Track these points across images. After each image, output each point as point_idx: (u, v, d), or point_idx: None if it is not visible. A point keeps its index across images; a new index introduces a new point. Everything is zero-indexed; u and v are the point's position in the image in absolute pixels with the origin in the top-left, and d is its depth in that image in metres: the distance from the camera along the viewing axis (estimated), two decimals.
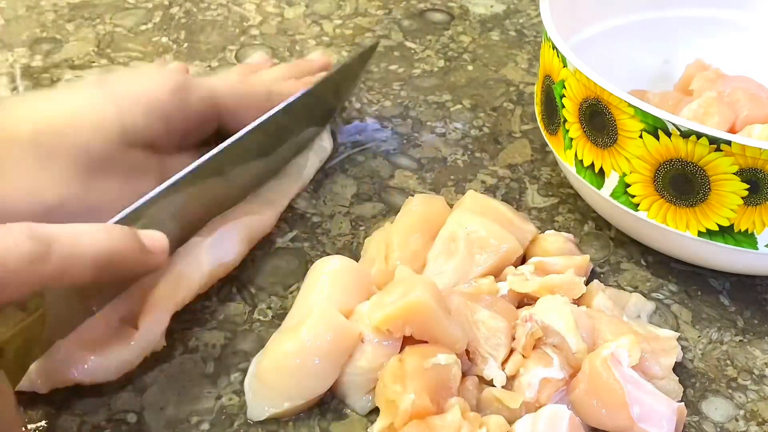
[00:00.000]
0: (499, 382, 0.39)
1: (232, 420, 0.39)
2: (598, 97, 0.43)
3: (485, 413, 0.39)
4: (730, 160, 0.40)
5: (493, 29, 0.69)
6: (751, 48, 0.57)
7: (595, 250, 0.49)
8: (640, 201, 0.44)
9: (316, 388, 0.39)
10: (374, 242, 0.47)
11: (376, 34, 0.67)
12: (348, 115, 0.59)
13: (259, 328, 0.44)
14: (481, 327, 0.40)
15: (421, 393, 0.37)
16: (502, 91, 0.62)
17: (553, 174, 0.55)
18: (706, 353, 0.44)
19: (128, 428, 0.39)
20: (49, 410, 0.39)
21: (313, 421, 0.40)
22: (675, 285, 0.48)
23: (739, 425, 0.41)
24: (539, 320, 0.40)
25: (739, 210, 0.41)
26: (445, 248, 0.45)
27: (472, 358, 0.40)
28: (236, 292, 0.46)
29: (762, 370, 0.43)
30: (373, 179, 0.53)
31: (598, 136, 0.44)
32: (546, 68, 0.48)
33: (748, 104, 0.50)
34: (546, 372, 0.39)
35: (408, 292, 0.39)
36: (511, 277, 0.43)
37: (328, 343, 0.38)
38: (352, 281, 0.42)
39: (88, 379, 0.39)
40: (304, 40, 0.66)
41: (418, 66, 0.64)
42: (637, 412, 0.37)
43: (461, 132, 0.58)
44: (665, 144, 0.41)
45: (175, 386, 0.41)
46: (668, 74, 0.58)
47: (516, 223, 0.47)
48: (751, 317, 0.46)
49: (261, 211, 0.48)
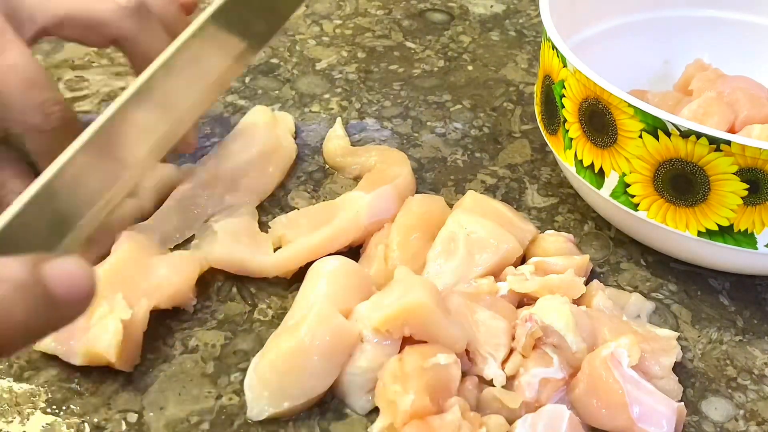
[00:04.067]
0: (499, 382, 0.39)
1: (232, 420, 0.39)
2: (597, 97, 0.43)
3: (485, 413, 0.39)
4: (729, 160, 0.40)
5: (493, 29, 0.69)
6: (751, 48, 0.57)
7: (594, 250, 0.49)
8: (639, 201, 0.44)
9: (316, 388, 0.39)
10: (374, 242, 0.47)
11: (376, 34, 0.67)
12: (348, 115, 0.59)
13: (259, 328, 0.44)
14: (481, 327, 0.40)
15: (421, 393, 0.37)
16: (502, 91, 0.62)
17: (553, 174, 0.55)
18: (705, 353, 0.44)
19: (128, 428, 0.39)
20: (50, 410, 0.39)
21: (313, 421, 0.40)
22: (675, 285, 0.48)
23: (739, 425, 0.41)
24: (539, 320, 0.40)
25: (738, 210, 0.41)
26: (445, 248, 0.45)
27: (472, 358, 0.40)
28: (236, 292, 0.46)
29: (762, 370, 0.43)
30: None
31: (598, 136, 0.44)
32: (546, 68, 0.48)
33: (748, 104, 0.50)
34: (546, 372, 0.39)
35: (407, 293, 0.39)
36: (511, 277, 0.43)
37: (328, 342, 0.38)
38: (352, 281, 0.42)
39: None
40: (304, 40, 0.66)
41: (418, 66, 0.64)
42: (636, 412, 0.37)
43: (461, 132, 0.58)
44: (665, 144, 0.41)
45: (175, 386, 0.41)
46: (668, 74, 0.58)
47: (516, 223, 0.47)
48: (750, 317, 0.46)
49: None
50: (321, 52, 0.65)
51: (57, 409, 0.39)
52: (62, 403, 0.40)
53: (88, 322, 0.40)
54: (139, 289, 0.42)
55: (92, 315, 0.40)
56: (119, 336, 0.39)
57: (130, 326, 0.40)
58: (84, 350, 0.40)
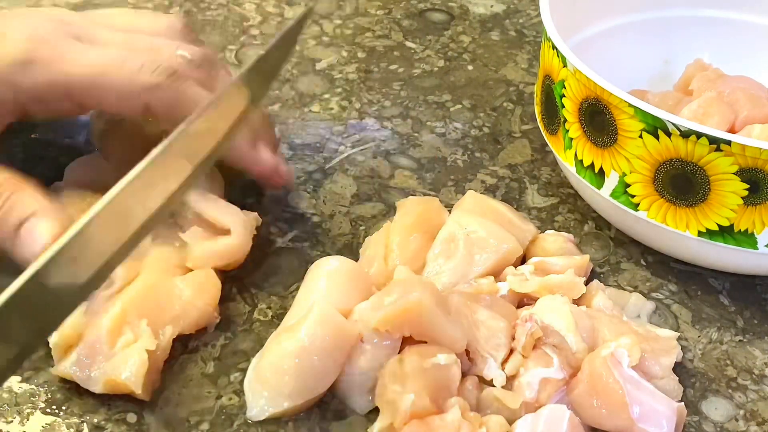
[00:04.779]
0: (499, 382, 0.39)
1: (231, 420, 0.39)
2: (598, 97, 0.43)
3: (485, 413, 0.39)
4: (729, 160, 0.40)
5: (493, 29, 0.69)
6: (751, 48, 0.57)
7: (595, 250, 0.49)
8: (639, 201, 0.44)
9: (316, 388, 0.39)
10: (373, 242, 0.47)
11: (376, 34, 0.67)
12: (348, 115, 0.59)
13: (259, 328, 0.44)
14: (481, 327, 0.40)
15: (421, 393, 0.37)
16: (502, 91, 0.62)
17: (553, 174, 0.55)
18: (705, 353, 0.44)
19: (128, 428, 0.39)
20: (50, 410, 0.39)
21: (313, 421, 0.40)
22: (675, 285, 0.48)
23: (739, 425, 0.41)
24: (539, 320, 0.40)
25: (739, 210, 0.41)
26: (445, 248, 0.45)
27: (472, 358, 0.40)
28: (236, 292, 0.46)
29: (762, 370, 0.43)
30: (373, 179, 0.53)
31: (598, 136, 0.44)
32: (546, 68, 0.48)
33: (748, 104, 0.50)
34: (546, 372, 0.39)
35: (407, 293, 0.39)
36: (511, 277, 0.43)
37: (327, 342, 0.38)
38: (352, 281, 0.42)
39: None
40: (304, 40, 0.66)
41: (418, 66, 0.64)
42: (636, 412, 0.37)
43: (461, 132, 0.58)
44: (665, 144, 0.41)
45: (175, 386, 0.41)
46: (668, 74, 0.58)
47: (516, 223, 0.47)
48: (751, 317, 0.46)
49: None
50: (321, 52, 0.65)
51: (57, 409, 0.39)
52: (62, 403, 0.40)
53: (111, 349, 0.39)
54: (164, 314, 0.41)
55: (116, 342, 0.39)
56: (144, 368, 0.38)
57: (153, 355, 0.39)
58: (106, 379, 0.38)
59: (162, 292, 0.42)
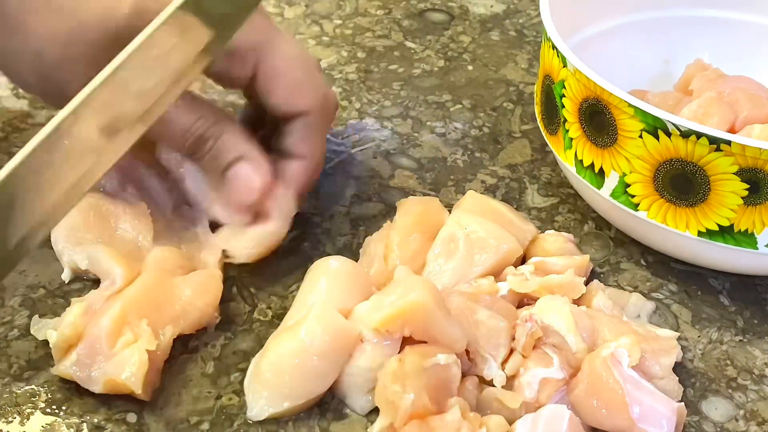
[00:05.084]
0: (499, 382, 0.39)
1: (231, 420, 0.39)
2: (598, 97, 0.43)
3: (485, 413, 0.39)
4: (730, 160, 0.40)
5: (493, 29, 0.69)
6: (751, 48, 0.57)
7: (595, 250, 0.49)
8: (640, 201, 0.44)
9: (316, 388, 0.39)
10: (373, 242, 0.47)
11: (376, 34, 0.68)
12: (348, 115, 0.59)
13: (258, 328, 0.44)
14: (481, 327, 0.40)
15: (421, 393, 0.37)
16: (502, 91, 0.62)
17: (553, 174, 0.55)
18: (706, 353, 0.44)
19: (128, 428, 0.39)
20: (50, 410, 0.39)
21: (313, 421, 0.40)
22: (675, 285, 0.48)
23: (739, 425, 0.41)
24: (539, 320, 0.40)
25: (739, 210, 0.41)
26: (445, 248, 0.45)
27: (472, 358, 0.40)
28: (236, 292, 0.46)
29: (762, 370, 0.43)
30: (373, 179, 0.53)
31: (598, 136, 0.44)
32: (546, 68, 0.48)
33: (748, 104, 0.50)
34: (546, 372, 0.39)
35: (407, 293, 0.39)
36: (511, 277, 0.43)
37: (327, 342, 0.38)
38: (352, 281, 0.42)
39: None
40: (304, 40, 0.66)
41: (418, 66, 0.64)
42: (636, 412, 0.37)
43: (461, 132, 0.58)
44: (665, 144, 0.41)
45: (174, 386, 0.41)
46: (668, 74, 0.58)
47: (516, 223, 0.47)
48: (751, 317, 0.46)
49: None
50: (321, 52, 0.65)
51: (57, 409, 0.39)
52: (62, 403, 0.40)
53: (111, 349, 0.39)
54: (165, 315, 0.41)
55: (116, 342, 0.39)
56: (144, 368, 0.38)
57: (153, 355, 0.39)
58: (106, 379, 0.38)
59: (162, 292, 0.42)
